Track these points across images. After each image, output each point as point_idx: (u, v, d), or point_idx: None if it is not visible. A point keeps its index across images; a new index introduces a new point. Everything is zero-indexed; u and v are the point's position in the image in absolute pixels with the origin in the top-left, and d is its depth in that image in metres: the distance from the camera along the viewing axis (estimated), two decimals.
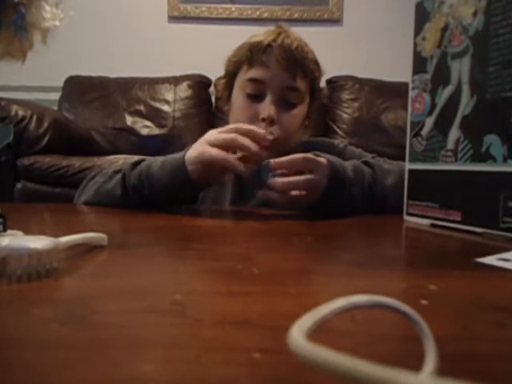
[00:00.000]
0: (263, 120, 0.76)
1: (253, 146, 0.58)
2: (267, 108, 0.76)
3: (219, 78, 0.89)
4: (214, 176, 0.63)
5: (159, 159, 0.67)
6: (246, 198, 0.77)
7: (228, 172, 0.61)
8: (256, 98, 0.78)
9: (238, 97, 0.81)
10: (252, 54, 0.78)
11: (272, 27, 0.82)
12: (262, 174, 0.60)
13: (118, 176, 0.69)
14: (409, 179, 0.60)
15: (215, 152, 0.59)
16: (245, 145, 0.58)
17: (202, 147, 0.60)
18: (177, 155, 0.64)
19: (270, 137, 0.59)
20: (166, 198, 0.65)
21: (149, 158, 0.70)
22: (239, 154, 0.60)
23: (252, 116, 0.77)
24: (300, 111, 0.81)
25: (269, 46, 0.77)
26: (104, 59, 2.36)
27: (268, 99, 0.77)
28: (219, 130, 0.63)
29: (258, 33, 0.81)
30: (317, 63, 0.82)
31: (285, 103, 0.78)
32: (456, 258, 0.39)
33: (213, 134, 0.62)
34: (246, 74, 0.80)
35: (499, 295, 0.26)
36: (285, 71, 0.77)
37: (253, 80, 0.78)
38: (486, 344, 0.19)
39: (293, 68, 0.77)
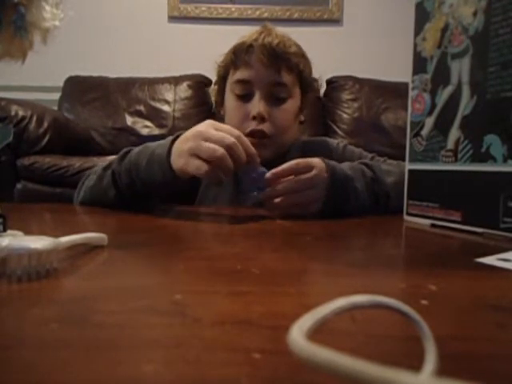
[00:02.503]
0: (254, 118, 0.77)
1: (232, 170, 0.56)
2: (256, 105, 0.77)
3: (213, 85, 0.91)
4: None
5: (145, 153, 0.64)
6: (245, 198, 0.77)
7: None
8: (245, 97, 0.79)
9: (229, 99, 0.83)
10: (236, 56, 0.80)
11: (257, 27, 0.83)
12: (258, 181, 0.60)
13: (108, 174, 0.69)
14: (409, 179, 0.60)
15: (197, 166, 0.56)
16: (228, 167, 0.55)
17: (186, 159, 0.57)
18: (161, 152, 0.61)
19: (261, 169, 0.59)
20: (161, 194, 0.66)
21: (133, 149, 0.68)
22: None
23: (243, 115, 0.79)
24: (291, 105, 0.82)
25: (250, 46, 0.78)
26: (104, 59, 2.36)
27: (256, 97, 0.78)
28: (215, 125, 0.59)
29: (244, 34, 0.83)
30: (303, 56, 0.83)
31: (274, 99, 0.79)
32: (456, 258, 0.39)
33: (205, 134, 0.57)
34: (233, 77, 0.81)
35: (499, 295, 0.26)
36: (268, 68, 0.78)
37: (239, 81, 0.80)
38: (486, 344, 0.19)
39: (276, 63, 0.78)
